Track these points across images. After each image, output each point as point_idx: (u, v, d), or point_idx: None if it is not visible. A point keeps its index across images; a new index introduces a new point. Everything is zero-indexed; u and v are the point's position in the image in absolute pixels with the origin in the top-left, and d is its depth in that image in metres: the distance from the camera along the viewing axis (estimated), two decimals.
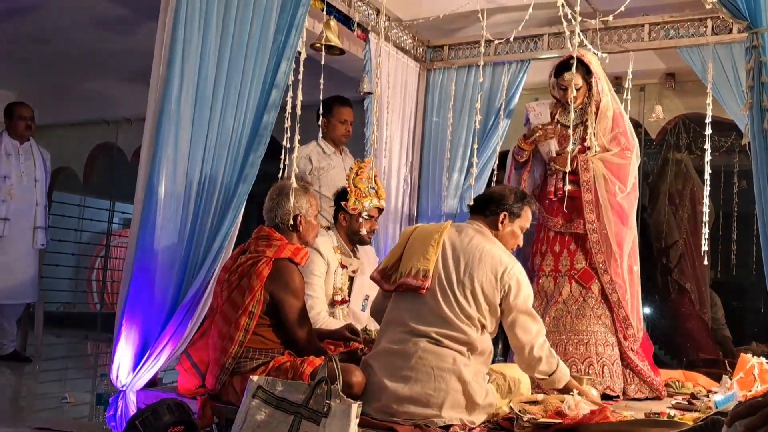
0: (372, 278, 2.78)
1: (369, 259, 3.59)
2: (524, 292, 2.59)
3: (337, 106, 4.11)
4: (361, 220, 3.34)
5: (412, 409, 2.48)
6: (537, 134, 3.61)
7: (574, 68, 3.05)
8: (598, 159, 3.49)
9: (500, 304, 2.57)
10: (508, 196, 2.77)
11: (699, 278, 5.38)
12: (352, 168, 3.45)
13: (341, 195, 3.41)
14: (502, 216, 2.75)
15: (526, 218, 2.82)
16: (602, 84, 3.56)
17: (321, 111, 3.97)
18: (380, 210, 3.45)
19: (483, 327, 2.58)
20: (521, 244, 2.89)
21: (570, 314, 3.47)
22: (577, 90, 3.48)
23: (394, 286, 2.64)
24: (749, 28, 2.64)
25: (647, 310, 3.60)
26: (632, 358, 3.45)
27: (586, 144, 3.55)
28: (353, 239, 3.41)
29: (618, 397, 3.37)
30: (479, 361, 2.59)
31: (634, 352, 3.46)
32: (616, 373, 3.41)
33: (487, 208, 2.76)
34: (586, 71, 3.53)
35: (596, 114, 3.56)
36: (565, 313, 3.48)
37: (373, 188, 3.38)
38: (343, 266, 3.34)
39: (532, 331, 2.60)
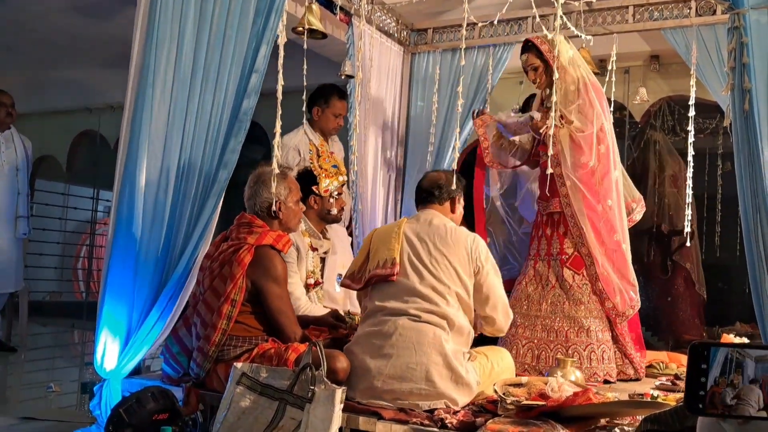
0: (343, 284, 2.87)
1: (339, 237, 3.63)
2: (491, 257, 2.78)
3: (334, 98, 4.01)
4: (332, 200, 3.40)
5: (396, 385, 2.50)
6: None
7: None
8: (566, 132, 3.43)
9: (476, 272, 2.70)
10: (450, 179, 2.89)
11: (696, 258, 5.45)
12: (311, 151, 3.47)
13: (306, 178, 3.37)
14: (457, 198, 2.91)
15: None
16: (562, 61, 3.41)
17: (310, 98, 3.89)
18: (343, 185, 3.51)
19: (459, 300, 2.65)
20: None
21: (568, 301, 3.44)
22: (536, 70, 3.54)
23: (363, 282, 2.72)
24: (731, 8, 2.63)
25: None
26: (618, 335, 3.43)
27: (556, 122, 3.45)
28: (326, 219, 3.45)
29: (614, 381, 3.36)
30: (459, 341, 2.63)
31: (619, 328, 3.43)
32: (615, 358, 3.40)
33: (437, 196, 2.86)
34: (539, 52, 3.51)
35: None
36: (562, 300, 3.45)
37: (335, 166, 3.45)
38: (314, 249, 3.36)
39: (500, 291, 2.78)
